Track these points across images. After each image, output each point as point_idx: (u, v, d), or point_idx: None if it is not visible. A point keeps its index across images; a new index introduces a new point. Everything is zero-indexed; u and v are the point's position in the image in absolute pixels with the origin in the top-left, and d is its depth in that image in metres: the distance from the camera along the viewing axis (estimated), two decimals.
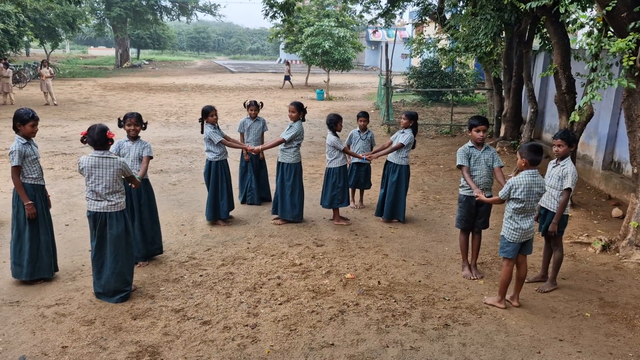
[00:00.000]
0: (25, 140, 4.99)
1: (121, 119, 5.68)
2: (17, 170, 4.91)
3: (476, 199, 5.22)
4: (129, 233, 4.91)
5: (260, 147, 7.27)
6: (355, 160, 7.68)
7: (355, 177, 7.80)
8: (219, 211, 7.07)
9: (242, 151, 7.85)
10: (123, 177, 4.81)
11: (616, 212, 7.77)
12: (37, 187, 5.08)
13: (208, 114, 6.86)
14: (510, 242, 4.72)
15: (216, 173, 7.00)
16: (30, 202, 4.98)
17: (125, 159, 5.29)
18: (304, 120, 7.04)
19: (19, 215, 5.05)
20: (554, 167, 5.29)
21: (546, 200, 5.29)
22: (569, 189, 5.09)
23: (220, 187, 7.02)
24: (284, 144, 6.92)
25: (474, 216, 5.56)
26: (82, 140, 4.73)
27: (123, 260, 4.84)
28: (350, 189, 7.80)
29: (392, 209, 7.25)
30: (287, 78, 30.31)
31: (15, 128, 5.00)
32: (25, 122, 4.96)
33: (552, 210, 5.23)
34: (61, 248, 5.86)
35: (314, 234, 6.81)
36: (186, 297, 4.97)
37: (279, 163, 7.11)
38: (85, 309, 4.69)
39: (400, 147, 7.05)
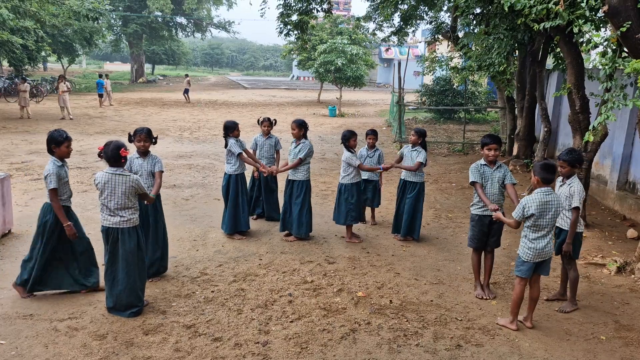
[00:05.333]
0: (60, 163, 5.05)
1: (132, 133, 5.68)
2: (55, 193, 4.93)
3: (492, 213, 5.11)
4: (141, 249, 4.93)
5: (276, 168, 7.17)
6: (364, 176, 7.64)
7: (363, 193, 7.64)
8: (239, 223, 7.15)
9: (253, 170, 7.76)
10: (136, 194, 4.85)
11: (631, 233, 7.68)
12: (64, 209, 5.09)
13: (234, 130, 7.03)
14: (525, 261, 4.69)
15: (236, 186, 7.08)
16: (70, 223, 5.02)
17: (139, 177, 5.31)
18: (305, 137, 7.04)
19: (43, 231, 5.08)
20: (560, 185, 5.28)
21: (558, 219, 5.24)
22: (577, 208, 5.08)
23: (240, 200, 7.12)
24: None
25: (487, 235, 5.51)
26: (99, 155, 4.80)
27: (135, 275, 4.86)
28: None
29: (409, 226, 7.23)
30: (186, 91, 29.82)
31: (50, 150, 5.06)
32: (60, 144, 5.04)
33: (564, 228, 5.23)
34: None
35: (326, 251, 6.81)
36: (197, 313, 4.98)
37: (289, 180, 7.12)
38: (98, 324, 4.71)
39: (420, 165, 7.04)
